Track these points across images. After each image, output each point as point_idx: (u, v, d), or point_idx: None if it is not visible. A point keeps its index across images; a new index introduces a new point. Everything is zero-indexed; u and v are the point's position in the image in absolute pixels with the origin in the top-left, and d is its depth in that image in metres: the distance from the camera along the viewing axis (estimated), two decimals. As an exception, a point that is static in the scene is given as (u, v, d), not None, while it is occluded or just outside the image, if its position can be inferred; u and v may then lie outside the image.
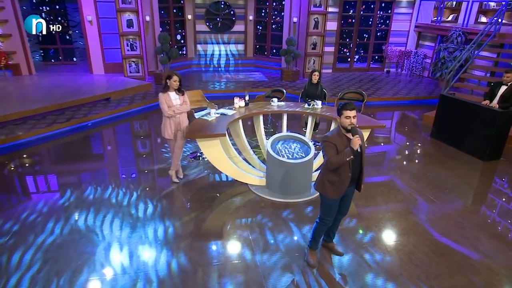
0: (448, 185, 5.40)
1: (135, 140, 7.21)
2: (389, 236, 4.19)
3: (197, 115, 5.67)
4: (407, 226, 4.37)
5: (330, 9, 11.44)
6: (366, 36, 12.77)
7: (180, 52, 12.23)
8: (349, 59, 12.90)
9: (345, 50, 12.85)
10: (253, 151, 5.73)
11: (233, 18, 12.44)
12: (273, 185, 4.99)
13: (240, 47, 12.96)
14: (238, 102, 5.77)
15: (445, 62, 9.99)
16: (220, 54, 12.91)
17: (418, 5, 12.16)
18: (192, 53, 12.53)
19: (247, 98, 5.85)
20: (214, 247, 3.90)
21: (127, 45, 10.00)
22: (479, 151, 6.27)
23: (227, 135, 5.17)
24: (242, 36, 12.78)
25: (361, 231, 4.25)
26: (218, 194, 5.03)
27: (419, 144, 7.25)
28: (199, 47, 12.58)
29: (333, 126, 5.44)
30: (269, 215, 4.53)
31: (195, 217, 4.46)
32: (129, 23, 9.79)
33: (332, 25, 11.93)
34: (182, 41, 12.21)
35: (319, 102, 5.82)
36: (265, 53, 12.95)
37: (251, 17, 12.50)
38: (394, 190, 5.24)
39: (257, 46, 13.08)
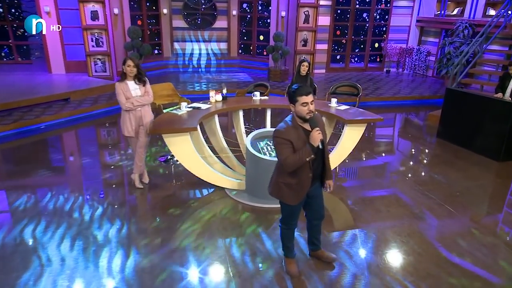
0: (459, 188, 5.19)
1: (96, 143, 6.90)
2: (391, 246, 3.91)
3: (166, 111, 5.40)
4: (411, 233, 4.12)
5: (322, 2, 11.43)
6: (363, 32, 12.78)
7: (156, 52, 12.05)
8: (339, 57, 12.87)
9: (339, 48, 12.82)
10: (231, 150, 5.45)
11: (215, 13, 12.34)
12: (254, 189, 4.72)
13: (223, 45, 12.84)
14: (214, 96, 5.52)
15: (451, 58, 9.96)
16: (200, 54, 12.76)
17: (420, -3, 12.27)
18: (168, 52, 12.35)
19: (224, 91, 5.62)
20: (183, 264, 3.56)
21: (92, 41, 9.75)
22: (493, 150, 6.10)
23: (199, 131, 4.91)
24: (225, 33, 12.67)
25: (359, 240, 3.97)
26: (192, 203, 4.72)
27: (425, 145, 7.13)
28: (176, 45, 12.42)
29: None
30: (250, 223, 4.25)
31: (161, 230, 4.13)
32: (94, 15, 9.57)
33: (324, 20, 11.90)
34: (157, 39, 12.04)
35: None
36: (251, 52, 12.84)
37: (234, 12, 12.42)
38: (396, 194, 5.04)
39: (242, 45, 12.97)
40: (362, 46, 12.96)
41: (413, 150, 6.98)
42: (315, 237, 3.51)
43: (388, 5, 12.45)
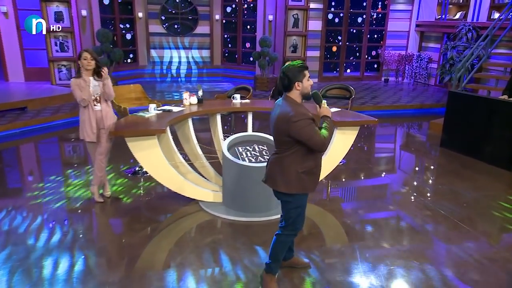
0: (466, 199, 5.07)
1: (57, 156, 6.71)
2: (391, 262, 3.72)
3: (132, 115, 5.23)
4: (412, 249, 3.96)
5: (312, 5, 11.49)
6: (358, 38, 12.86)
7: (129, 60, 11.96)
8: (332, 66, 12.91)
9: (332, 55, 12.86)
10: (206, 158, 5.27)
11: (196, 18, 12.36)
12: (232, 200, 4.55)
13: (205, 53, 12.82)
14: (189, 98, 5.36)
15: (454, 64, 10.01)
16: (179, 62, 12.70)
17: (419, 0, 12.42)
18: (144, 60, 12.27)
19: (200, 93, 5.47)
20: None
21: (56, 45, 9.63)
22: (503, 159, 6.01)
23: (169, 135, 4.73)
24: (207, 39, 12.67)
25: (358, 257, 3.78)
26: (162, 220, 4.52)
27: (427, 155, 7.11)
28: (153, 52, 12.37)
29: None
30: (227, 240, 4.06)
31: (123, 252, 3.89)
32: (58, 17, 9.48)
33: (315, 25, 11.95)
34: (131, 45, 11.96)
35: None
36: (236, 60, 12.82)
37: (217, 17, 12.45)
38: (396, 206, 4.93)
39: (226, 52, 12.96)
40: (357, 53, 13.04)
41: (414, 160, 6.91)
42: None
43: (385, 9, 12.59)
